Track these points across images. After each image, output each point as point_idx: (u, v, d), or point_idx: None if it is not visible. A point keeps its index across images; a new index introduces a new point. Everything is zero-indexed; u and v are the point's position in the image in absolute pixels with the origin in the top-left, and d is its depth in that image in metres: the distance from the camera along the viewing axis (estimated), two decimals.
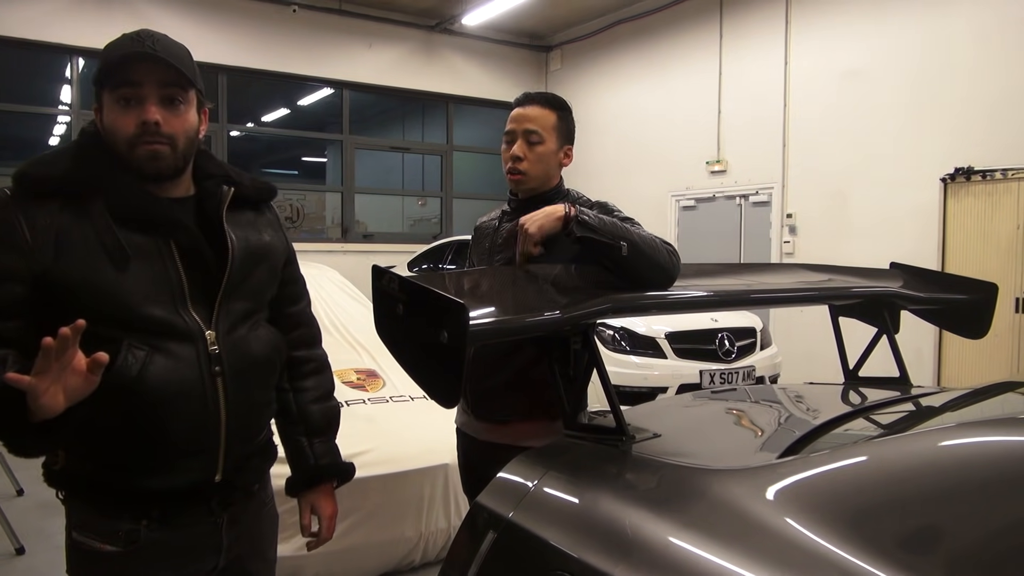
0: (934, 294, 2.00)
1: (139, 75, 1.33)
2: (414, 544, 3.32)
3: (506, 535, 1.18)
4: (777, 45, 7.82)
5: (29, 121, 8.83)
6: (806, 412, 1.81)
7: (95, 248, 1.31)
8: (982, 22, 6.23)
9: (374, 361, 4.09)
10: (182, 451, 1.38)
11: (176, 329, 1.35)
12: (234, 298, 1.44)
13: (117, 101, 1.35)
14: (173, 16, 8.52)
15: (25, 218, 1.29)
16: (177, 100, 1.37)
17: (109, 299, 1.30)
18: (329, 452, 1.68)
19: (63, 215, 1.31)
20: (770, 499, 1.03)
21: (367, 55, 9.84)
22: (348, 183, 10.10)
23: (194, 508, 1.44)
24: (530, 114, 1.96)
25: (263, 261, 1.52)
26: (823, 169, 7.40)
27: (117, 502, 1.38)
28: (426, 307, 1.24)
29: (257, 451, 1.56)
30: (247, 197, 1.52)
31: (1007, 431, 1.26)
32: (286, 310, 1.64)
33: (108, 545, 1.37)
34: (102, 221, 1.32)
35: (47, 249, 1.29)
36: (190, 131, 1.41)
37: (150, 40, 1.34)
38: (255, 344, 1.47)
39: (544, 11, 9.68)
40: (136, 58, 1.32)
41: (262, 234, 1.53)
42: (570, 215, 1.64)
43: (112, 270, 1.31)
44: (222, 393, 1.39)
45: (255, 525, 1.57)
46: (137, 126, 1.34)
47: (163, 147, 1.35)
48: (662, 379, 5.33)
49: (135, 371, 1.30)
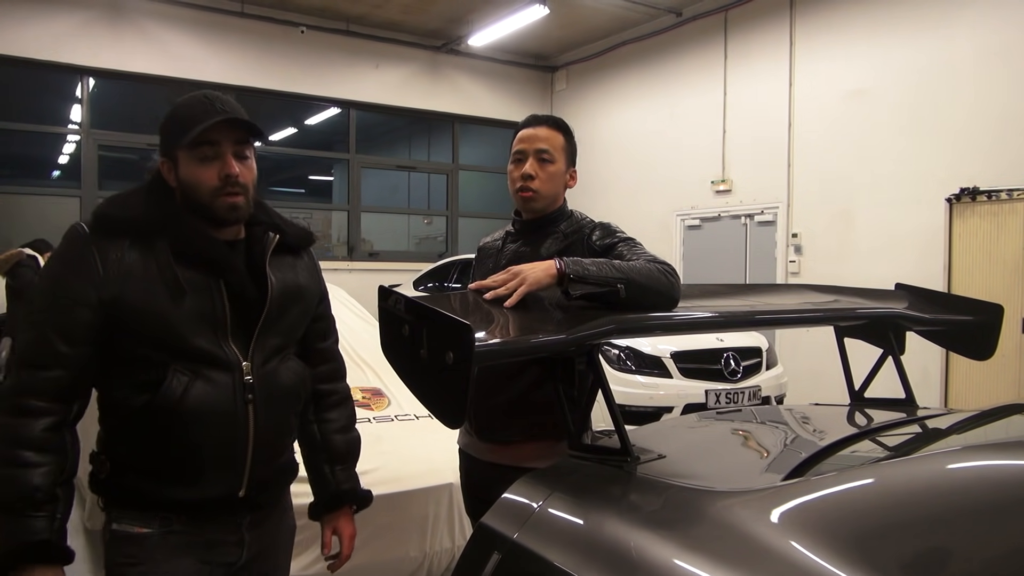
0: (940, 315, 2.00)
1: (216, 135, 1.50)
2: (418, 564, 3.30)
3: (511, 556, 1.18)
4: (781, 65, 7.86)
5: (40, 140, 8.91)
6: (812, 433, 1.80)
7: (156, 281, 1.47)
8: (986, 42, 6.26)
9: (379, 380, 4.08)
10: (212, 467, 1.53)
11: (217, 359, 1.51)
12: (270, 334, 1.59)
13: (197, 158, 1.51)
14: (183, 37, 8.62)
15: (99, 252, 1.46)
16: (246, 154, 1.55)
17: (163, 327, 1.47)
18: (350, 479, 1.83)
19: (131, 251, 1.48)
20: (775, 521, 1.03)
21: (374, 75, 9.93)
22: (354, 202, 10.15)
23: (219, 514, 1.58)
24: (541, 135, 1.99)
25: (298, 302, 1.67)
26: (828, 189, 7.41)
27: (151, 507, 1.52)
28: (432, 327, 1.24)
29: (279, 470, 1.70)
30: (289, 243, 1.67)
31: (1013, 454, 1.26)
32: (316, 345, 1.79)
33: (144, 528, 1.52)
34: (163, 258, 1.48)
35: (116, 281, 1.45)
36: (255, 179, 1.58)
37: (219, 102, 1.51)
38: (284, 375, 1.62)
39: (550, 32, 9.76)
40: (216, 123, 1.48)
41: (299, 277, 1.68)
42: (563, 271, 1.60)
43: (169, 302, 1.47)
44: (252, 418, 1.54)
45: (275, 531, 1.71)
46: (220, 179, 1.50)
47: (240, 198, 1.53)
48: (667, 399, 5.31)
49: (178, 394, 1.46)
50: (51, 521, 1.42)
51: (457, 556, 1.35)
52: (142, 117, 9.10)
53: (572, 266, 1.61)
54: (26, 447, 1.41)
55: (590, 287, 1.58)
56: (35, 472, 1.41)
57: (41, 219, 8.34)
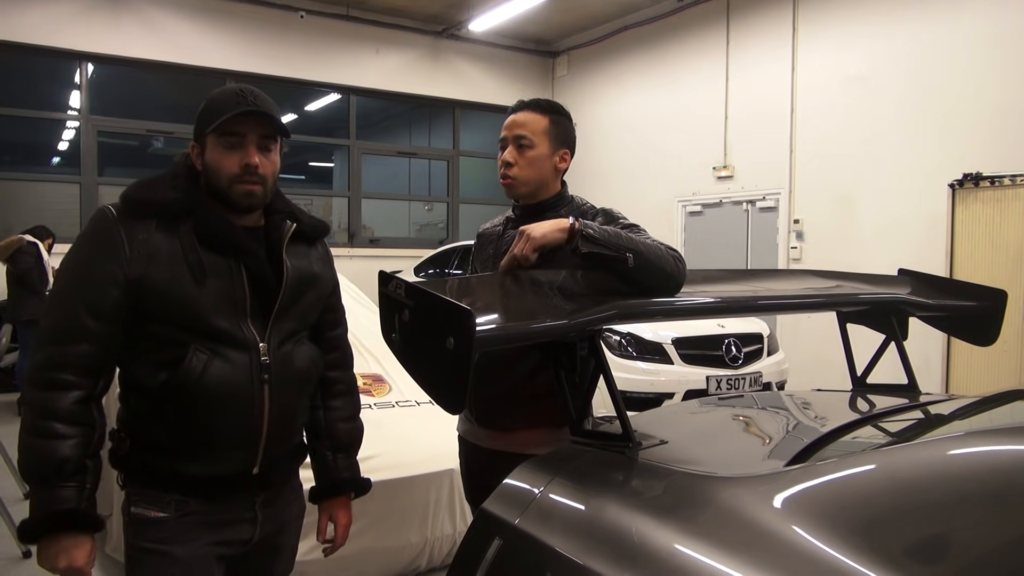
0: (942, 301, 1.99)
1: (244, 127, 1.58)
2: (420, 549, 3.32)
3: (512, 542, 1.18)
4: (784, 51, 7.82)
5: (39, 126, 8.88)
6: (813, 419, 1.80)
7: (180, 263, 1.53)
8: (990, 28, 6.22)
9: (380, 366, 4.09)
10: (227, 444, 1.59)
11: (236, 339, 1.58)
12: (285, 317, 1.66)
13: (223, 146, 1.58)
14: (182, 22, 8.57)
15: (126, 232, 1.52)
16: (270, 147, 1.62)
17: (186, 307, 1.53)
18: (351, 467, 1.88)
19: (157, 233, 1.54)
20: (777, 507, 1.03)
21: (374, 61, 9.88)
22: (355, 188, 10.13)
23: (233, 492, 1.64)
24: (520, 120, 1.97)
25: (312, 288, 1.74)
26: (830, 175, 7.38)
27: (168, 482, 1.59)
28: (432, 313, 1.24)
29: (291, 451, 1.77)
30: (304, 233, 1.74)
31: (1016, 440, 1.25)
32: (326, 334, 1.84)
33: (160, 512, 1.58)
34: (188, 241, 1.55)
35: (141, 260, 1.52)
36: (276, 172, 1.66)
37: (251, 96, 1.59)
38: (298, 358, 1.69)
39: (551, 17, 9.70)
40: (244, 114, 1.57)
41: (313, 265, 1.75)
42: (575, 228, 1.63)
43: (192, 283, 1.53)
44: (267, 398, 1.61)
45: (285, 509, 1.77)
46: (241, 167, 1.58)
47: (258, 187, 1.61)
48: (669, 385, 5.32)
49: (198, 372, 1.53)
50: (80, 491, 1.49)
51: (458, 542, 1.35)
52: (142, 103, 9.08)
53: (585, 225, 1.64)
54: (57, 419, 1.47)
55: (599, 248, 1.61)
56: (65, 443, 1.47)
57: (41, 206, 8.35)
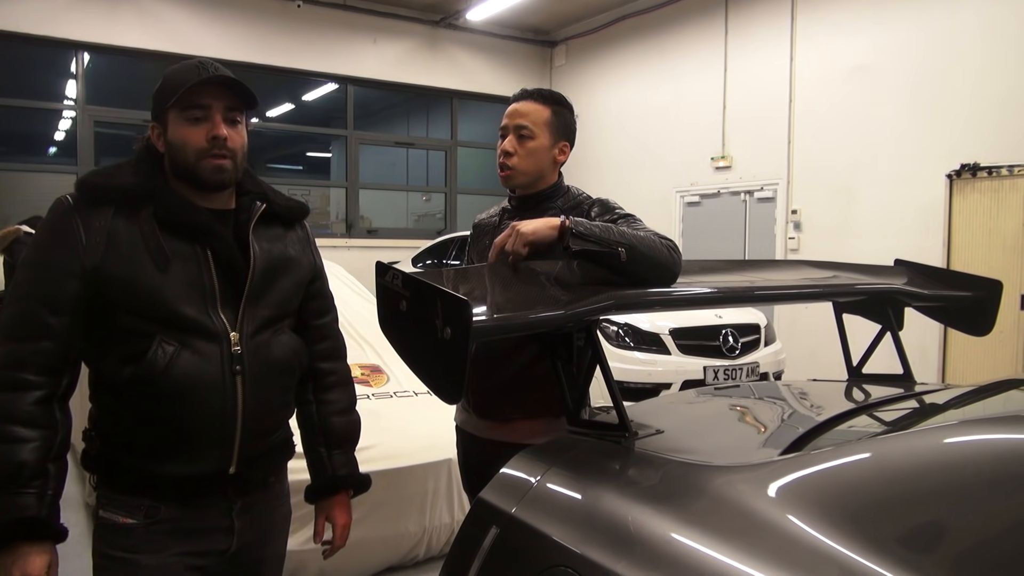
0: (939, 291, 1.99)
1: (208, 97, 1.49)
2: (417, 539, 3.33)
3: (509, 531, 1.18)
4: (783, 40, 7.79)
5: (35, 116, 8.84)
6: (809, 409, 1.80)
7: (140, 250, 1.45)
8: (989, 17, 6.20)
9: (378, 356, 4.09)
10: (200, 441, 1.50)
11: (204, 328, 1.49)
12: (259, 304, 1.57)
13: (186, 120, 1.49)
14: (178, 11, 8.52)
15: (82, 221, 1.45)
16: (237, 120, 1.54)
17: (148, 296, 1.45)
18: (347, 464, 1.78)
19: (115, 219, 1.46)
20: (772, 496, 1.03)
21: (371, 50, 9.83)
22: (352, 178, 10.11)
23: (210, 494, 1.55)
24: (522, 109, 1.95)
25: (285, 273, 1.63)
26: (828, 165, 7.37)
27: (140, 484, 1.50)
28: (429, 303, 1.24)
29: (272, 448, 1.67)
30: (278, 214, 1.66)
31: (1011, 429, 1.26)
32: (312, 322, 1.75)
33: (129, 519, 1.49)
34: (148, 227, 1.47)
35: (99, 248, 1.44)
36: (245, 147, 1.57)
37: (212, 67, 1.50)
38: (276, 348, 1.59)
39: (549, 6, 9.65)
40: (207, 83, 1.48)
41: (288, 248, 1.66)
42: (566, 226, 1.59)
43: (154, 270, 1.45)
44: (240, 391, 1.51)
45: (267, 516, 1.67)
46: (208, 140, 1.49)
47: (227, 161, 1.51)
48: (666, 375, 5.33)
49: (163, 364, 1.44)
50: (41, 498, 1.39)
51: (456, 531, 1.36)
52: (138, 93, 9.03)
53: (576, 223, 1.61)
54: (14, 422, 1.38)
55: (591, 244, 1.58)
56: (24, 447, 1.38)
57: (38, 196, 8.30)
